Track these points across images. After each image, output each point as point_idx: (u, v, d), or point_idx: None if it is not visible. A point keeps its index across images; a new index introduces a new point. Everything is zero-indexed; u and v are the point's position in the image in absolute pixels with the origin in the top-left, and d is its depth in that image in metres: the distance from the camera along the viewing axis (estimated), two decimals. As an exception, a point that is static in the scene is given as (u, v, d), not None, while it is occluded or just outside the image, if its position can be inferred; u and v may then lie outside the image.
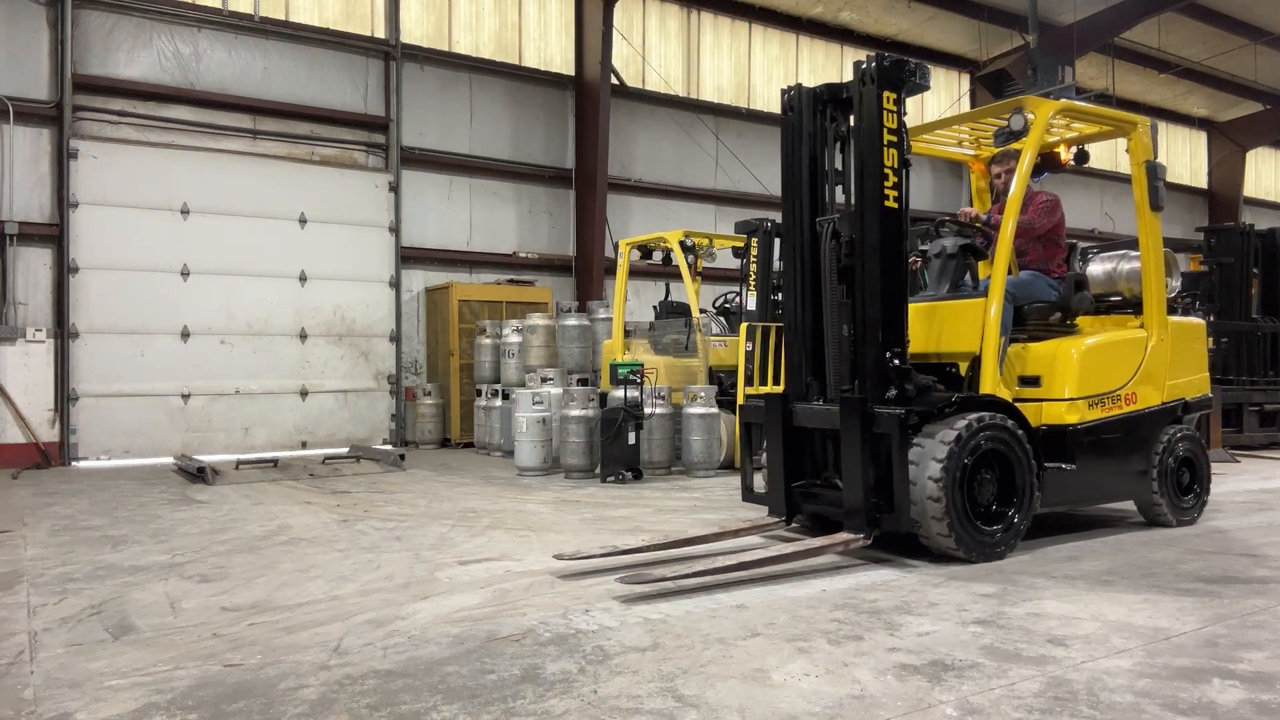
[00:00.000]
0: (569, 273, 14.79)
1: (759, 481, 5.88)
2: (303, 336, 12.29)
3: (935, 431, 4.74)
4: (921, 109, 18.98)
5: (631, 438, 8.49)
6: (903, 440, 4.74)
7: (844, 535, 4.83)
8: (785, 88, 5.58)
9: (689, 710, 2.77)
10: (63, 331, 10.76)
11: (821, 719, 2.71)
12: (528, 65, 14.60)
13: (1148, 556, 5.01)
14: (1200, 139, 24.31)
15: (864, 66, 5.06)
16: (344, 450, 11.53)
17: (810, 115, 5.39)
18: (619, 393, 8.59)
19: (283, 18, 12.44)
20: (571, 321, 10.84)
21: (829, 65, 17.82)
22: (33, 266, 10.77)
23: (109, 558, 5.22)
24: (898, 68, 5.01)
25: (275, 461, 9.80)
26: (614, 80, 14.67)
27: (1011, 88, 17.05)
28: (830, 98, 5.34)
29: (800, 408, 5.35)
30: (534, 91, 14.60)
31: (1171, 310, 6.20)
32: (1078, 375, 5.42)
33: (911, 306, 5.21)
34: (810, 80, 17.52)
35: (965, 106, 19.49)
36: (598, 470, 8.79)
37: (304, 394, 12.29)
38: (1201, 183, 24.34)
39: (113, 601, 4.22)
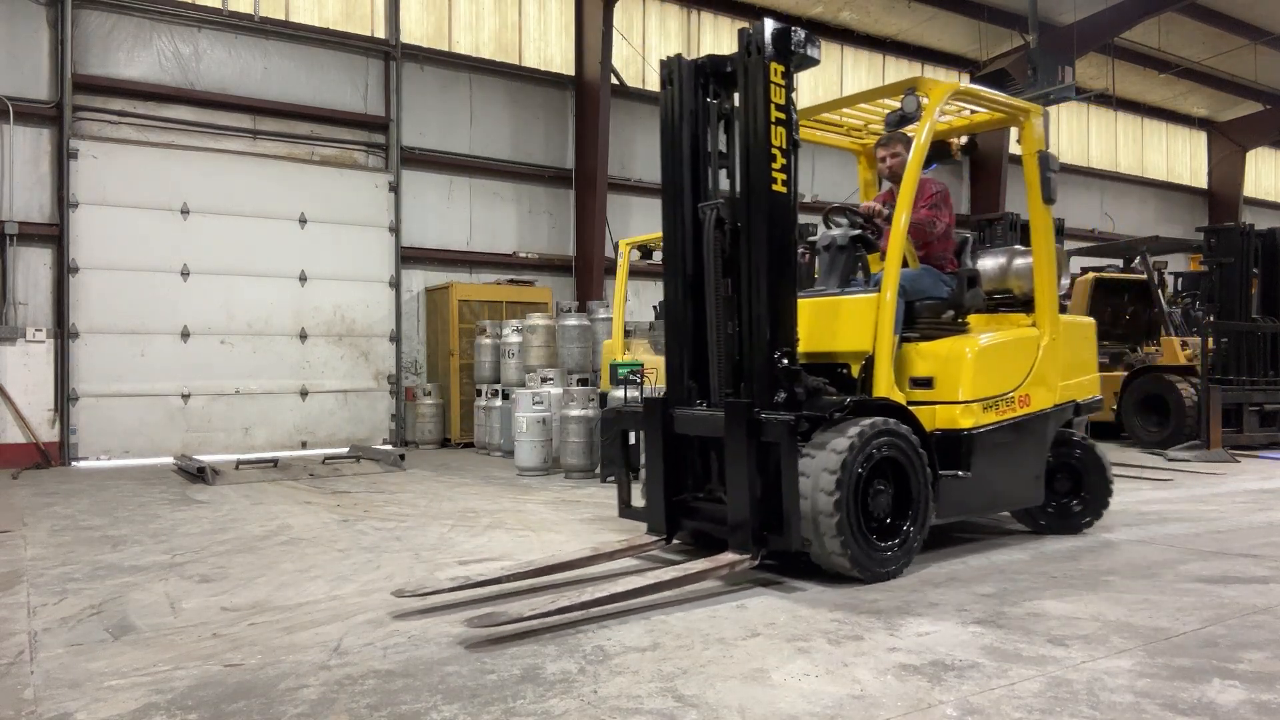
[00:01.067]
0: (569, 273, 14.80)
1: (638, 495, 5.35)
2: (303, 336, 12.29)
3: (827, 440, 4.30)
4: (921, 109, 18.98)
5: (632, 437, 8.47)
6: (791, 449, 4.26)
7: (729, 556, 4.33)
8: (663, 59, 5.05)
9: (689, 710, 2.77)
10: (63, 331, 10.76)
11: (821, 719, 2.71)
12: (528, 65, 14.60)
13: (1147, 556, 5.01)
14: (1200, 139, 24.31)
15: (749, 35, 4.60)
16: (344, 450, 11.53)
17: (691, 90, 4.89)
18: (619, 393, 8.59)
19: (283, 18, 12.45)
20: (571, 321, 10.84)
21: (829, 65, 17.83)
22: (33, 266, 10.77)
23: (109, 558, 5.22)
24: (785, 36, 4.57)
25: (275, 461, 9.80)
26: (614, 80, 14.67)
27: (1011, 87, 17.04)
28: (713, 71, 4.87)
29: (681, 413, 4.81)
30: (534, 91, 14.60)
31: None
32: (972, 376, 5.01)
33: (800, 302, 4.77)
34: (810, 81, 17.52)
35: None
36: (598, 470, 8.79)
37: (304, 394, 12.30)
38: (1201, 183, 24.35)
39: (113, 601, 4.22)
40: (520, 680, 3.05)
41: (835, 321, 5.05)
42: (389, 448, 12.02)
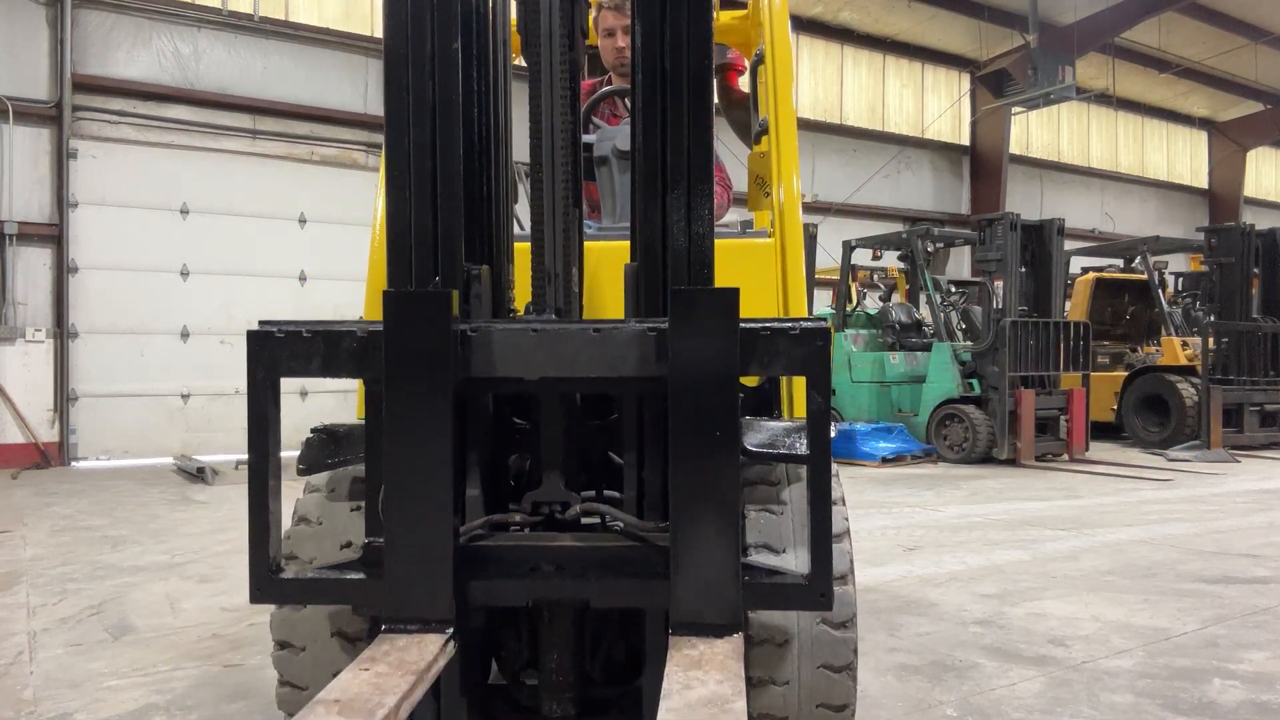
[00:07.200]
0: (569, 273, 14.76)
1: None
2: (303, 336, 12.29)
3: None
4: (922, 110, 19.00)
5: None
6: None
7: None
8: None
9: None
10: (62, 331, 10.75)
11: None
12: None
13: (1148, 556, 5.00)
14: (1200, 139, 24.30)
15: None
16: (344, 450, 11.52)
17: None
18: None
19: (282, 17, 12.44)
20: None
21: (829, 65, 17.83)
22: (33, 266, 10.76)
23: (109, 558, 5.22)
24: None
25: (275, 461, 9.80)
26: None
27: (1012, 87, 17.06)
28: None
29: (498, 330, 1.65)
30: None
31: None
32: None
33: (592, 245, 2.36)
34: (810, 82, 17.53)
35: (965, 106, 19.50)
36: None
37: (304, 394, 12.28)
38: (1202, 183, 24.34)
39: (113, 601, 4.21)
40: None
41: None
42: (389, 448, 12.01)
